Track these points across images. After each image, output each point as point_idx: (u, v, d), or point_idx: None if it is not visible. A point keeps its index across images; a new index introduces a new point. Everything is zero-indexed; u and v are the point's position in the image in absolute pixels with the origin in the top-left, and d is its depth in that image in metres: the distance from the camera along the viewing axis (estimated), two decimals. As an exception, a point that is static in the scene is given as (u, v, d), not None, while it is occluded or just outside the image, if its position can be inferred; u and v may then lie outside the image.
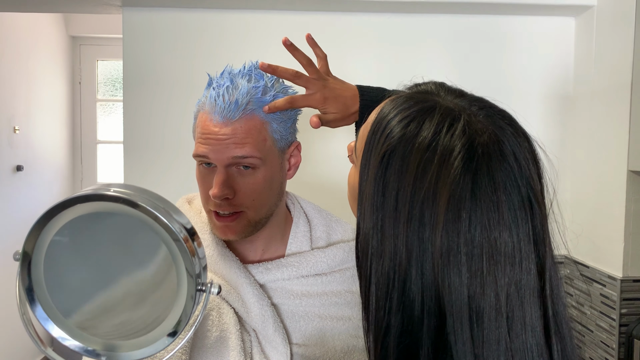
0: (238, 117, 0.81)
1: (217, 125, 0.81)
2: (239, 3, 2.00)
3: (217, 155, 0.82)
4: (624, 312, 1.78)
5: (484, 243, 0.49)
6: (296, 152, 0.92)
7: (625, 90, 1.75)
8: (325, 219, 0.99)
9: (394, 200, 0.51)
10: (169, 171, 2.07)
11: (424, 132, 0.52)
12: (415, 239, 0.50)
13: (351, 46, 2.07)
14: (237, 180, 0.83)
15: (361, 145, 0.58)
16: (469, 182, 0.49)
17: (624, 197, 1.75)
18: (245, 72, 0.85)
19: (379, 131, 0.55)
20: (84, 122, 3.95)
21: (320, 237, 0.97)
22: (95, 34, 3.80)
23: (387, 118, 0.55)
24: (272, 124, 0.84)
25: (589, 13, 1.99)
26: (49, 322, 0.66)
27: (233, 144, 0.81)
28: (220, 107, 0.80)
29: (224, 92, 0.81)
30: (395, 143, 0.52)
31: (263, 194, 0.85)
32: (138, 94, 2.05)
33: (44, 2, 2.06)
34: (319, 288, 0.91)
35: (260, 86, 0.83)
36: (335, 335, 0.90)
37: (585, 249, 1.98)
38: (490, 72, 2.09)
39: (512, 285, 0.50)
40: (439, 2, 1.96)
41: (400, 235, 0.50)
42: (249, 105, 0.81)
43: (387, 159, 0.52)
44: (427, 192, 0.49)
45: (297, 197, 1.02)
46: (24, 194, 3.17)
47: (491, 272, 0.49)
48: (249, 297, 0.87)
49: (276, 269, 0.90)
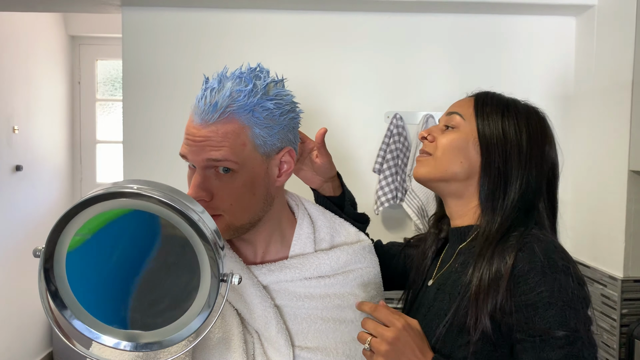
0: (215, 120, 0.79)
1: (196, 127, 0.81)
2: (239, 3, 1.99)
3: (193, 157, 0.82)
4: (625, 312, 1.77)
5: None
6: (288, 158, 0.88)
7: (625, 90, 1.75)
8: (329, 221, 0.99)
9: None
10: (168, 171, 2.06)
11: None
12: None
13: (351, 46, 2.07)
14: (214, 183, 0.82)
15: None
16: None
17: (625, 197, 1.75)
18: (237, 74, 0.83)
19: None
20: (83, 122, 3.95)
21: (324, 239, 0.96)
22: (94, 34, 3.80)
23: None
24: (253, 128, 0.82)
25: (589, 13, 1.98)
26: (91, 332, 0.69)
27: (209, 147, 0.80)
28: (200, 109, 0.80)
29: (208, 94, 0.80)
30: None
31: (242, 199, 0.83)
32: (138, 93, 2.05)
33: (43, 2, 2.06)
34: (322, 290, 0.91)
35: (245, 90, 0.80)
36: (337, 337, 0.89)
37: (585, 249, 1.97)
38: (490, 72, 2.08)
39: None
40: (439, 2, 1.95)
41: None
42: (228, 108, 0.80)
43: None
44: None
45: (301, 199, 1.01)
46: (23, 194, 3.16)
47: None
48: (251, 298, 0.86)
49: (279, 271, 0.89)
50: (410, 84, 2.09)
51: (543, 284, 0.81)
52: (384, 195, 2.01)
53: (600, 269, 1.88)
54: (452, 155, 0.95)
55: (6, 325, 2.96)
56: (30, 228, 3.21)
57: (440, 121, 1.01)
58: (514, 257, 0.84)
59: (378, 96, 2.09)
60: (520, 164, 0.92)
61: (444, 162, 0.95)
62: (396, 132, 2.03)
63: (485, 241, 0.89)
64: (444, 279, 0.97)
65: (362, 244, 0.98)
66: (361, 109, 2.08)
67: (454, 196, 0.98)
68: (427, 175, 0.98)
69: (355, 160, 2.08)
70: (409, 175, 2.01)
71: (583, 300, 0.84)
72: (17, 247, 3.06)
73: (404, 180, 2.03)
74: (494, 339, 0.84)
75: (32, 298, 3.24)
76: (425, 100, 2.09)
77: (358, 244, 0.97)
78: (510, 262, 0.83)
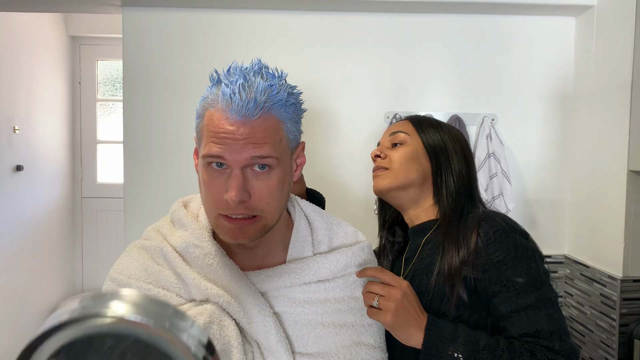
0: (257, 115, 0.76)
1: (235, 123, 0.76)
2: (239, 3, 1.99)
3: (233, 156, 0.77)
4: (624, 312, 1.77)
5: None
6: (302, 152, 0.88)
7: (625, 90, 1.75)
8: (326, 221, 0.96)
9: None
10: (168, 171, 2.07)
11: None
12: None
13: (351, 46, 2.07)
14: (252, 182, 0.79)
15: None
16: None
17: (624, 197, 1.75)
18: (255, 69, 0.80)
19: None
20: (83, 122, 3.95)
21: (322, 241, 0.94)
22: (95, 34, 3.80)
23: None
24: (286, 123, 0.80)
25: (589, 13, 1.99)
26: None
27: (252, 144, 0.76)
28: (238, 105, 0.75)
29: (239, 89, 0.76)
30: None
31: (277, 196, 0.81)
32: (138, 93, 2.05)
33: (43, 2, 2.06)
34: (321, 295, 0.89)
35: (275, 84, 0.79)
36: (337, 342, 0.88)
37: (585, 249, 1.98)
38: (490, 72, 2.09)
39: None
40: (439, 2, 1.96)
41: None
42: (266, 103, 0.77)
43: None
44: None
45: (297, 199, 0.98)
46: (23, 194, 3.17)
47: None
48: (250, 307, 0.84)
49: (278, 277, 0.87)
50: (410, 84, 2.09)
51: (508, 243, 1.00)
52: (383, 195, 2.02)
53: (599, 268, 1.88)
54: (408, 165, 1.14)
55: (6, 325, 2.97)
56: (31, 228, 3.21)
57: (384, 141, 1.21)
58: (477, 228, 1.03)
59: (378, 96, 2.09)
60: (458, 161, 1.15)
61: (403, 172, 1.14)
62: (396, 132, 2.03)
63: (449, 225, 1.07)
64: (416, 267, 1.11)
65: (360, 245, 0.95)
66: (361, 109, 2.09)
67: (411, 202, 1.16)
68: (389, 185, 1.15)
69: (355, 160, 2.09)
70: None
71: (539, 254, 1.03)
72: (17, 247, 3.06)
73: (403, 180, 2.04)
74: (469, 304, 1.00)
75: (32, 298, 3.25)
76: (425, 100, 2.09)
77: (357, 246, 0.95)
78: (475, 232, 1.02)
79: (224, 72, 0.81)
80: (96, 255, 3.95)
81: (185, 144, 2.05)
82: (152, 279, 0.87)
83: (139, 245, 0.93)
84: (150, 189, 2.07)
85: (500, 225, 1.02)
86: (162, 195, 2.07)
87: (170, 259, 0.88)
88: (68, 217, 3.80)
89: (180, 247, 0.89)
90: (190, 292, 0.86)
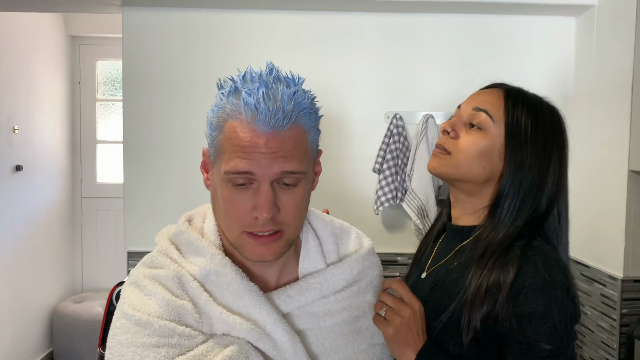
0: (286, 126, 0.72)
1: (264, 136, 0.71)
2: (239, 3, 1.99)
3: (264, 171, 0.71)
4: (625, 312, 1.77)
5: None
6: (319, 160, 0.84)
7: (625, 90, 1.75)
8: (330, 228, 0.94)
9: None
10: (168, 170, 2.07)
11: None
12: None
13: (351, 46, 2.07)
14: (280, 196, 0.74)
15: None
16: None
17: (625, 197, 1.75)
18: (274, 75, 0.75)
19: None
20: (83, 122, 3.95)
21: (331, 249, 0.91)
22: (94, 34, 3.80)
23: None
24: (310, 132, 0.76)
25: (589, 13, 1.98)
26: None
27: (281, 157, 0.71)
28: (266, 116, 0.70)
29: (264, 97, 0.70)
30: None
31: (303, 209, 0.78)
32: (138, 93, 2.05)
33: (43, 2, 2.06)
34: (339, 305, 0.87)
35: (299, 91, 0.75)
36: (355, 347, 0.88)
37: (585, 249, 1.97)
38: (490, 72, 2.09)
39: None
40: (439, 2, 1.95)
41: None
42: (293, 112, 0.72)
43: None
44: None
45: None
46: (23, 194, 3.16)
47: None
48: (279, 336, 0.80)
49: (299, 295, 0.84)
50: (410, 84, 2.09)
51: (540, 299, 0.84)
52: (383, 195, 2.01)
53: (600, 268, 1.88)
54: (475, 160, 0.93)
55: (6, 325, 2.96)
56: (31, 228, 3.21)
57: (464, 112, 0.97)
58: (516, 270, 0.85)
59: (378, 96, 2.09)
60: (540, 186, 0.92)
61: (466, 166, 0.94)
62: (396, 132, 2.03)
63: (488, 247, 0.90)
64: (441, 275, 0.98)
65: (366, 249, 0.93)
66: (361, 109, 2.08)
67: (466, 193, 0.97)
68: (444, 174, 0.97)
69: (355, 160, 2.08)
70: (409, 176, 2.01)
71: (573, 316, 0.87)
72: (17, 247, 3.06)
73: (403, 180, 2.03)
74: (482, 343, 0.88)
75: (32, 298, 3.25)
76: (425, 100, 2.09)
77: (363, 250, 0.93)
78: (512, 275, 0.85)
79: (239, 79, 0.75)
80: (96, 255, 3.94)
81: (186, 143, 2.05)
82: (174, 315, 0.78)
83: (149, 275, 0.83)
84: (150, 189, 2.06)
85: (539, 275, 0.85)
86: (162, 195, 2.06)
87: (190, 290, 0.81)
88: (68, 217, 3.79)
89: (200, 275, 0.82)
90: (212, 325, 0.80)
